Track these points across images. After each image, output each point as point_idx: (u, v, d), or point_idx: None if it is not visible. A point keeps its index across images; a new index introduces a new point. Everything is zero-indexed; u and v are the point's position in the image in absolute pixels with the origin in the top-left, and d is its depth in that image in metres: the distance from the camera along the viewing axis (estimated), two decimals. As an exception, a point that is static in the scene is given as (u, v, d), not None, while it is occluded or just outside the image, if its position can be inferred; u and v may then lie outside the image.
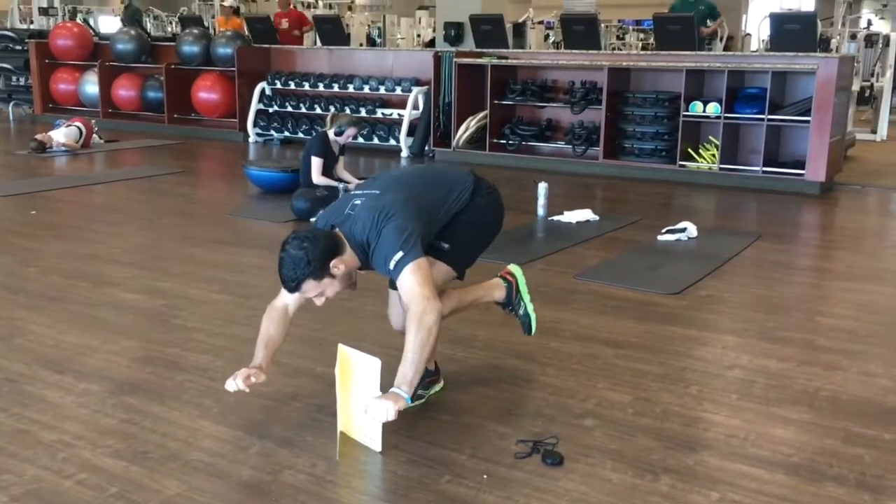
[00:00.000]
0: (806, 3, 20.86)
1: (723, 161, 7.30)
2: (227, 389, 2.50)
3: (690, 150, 7.42)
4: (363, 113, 9.15)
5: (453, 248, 2.71)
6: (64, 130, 8.90)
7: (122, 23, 11.54)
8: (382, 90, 9.24)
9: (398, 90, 9.13)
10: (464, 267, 2.83)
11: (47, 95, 11.58)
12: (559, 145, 8.30)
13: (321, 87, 9.56)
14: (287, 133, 9.71)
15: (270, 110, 9.83)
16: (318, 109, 9.45)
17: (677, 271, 4.53)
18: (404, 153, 8.93)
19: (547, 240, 5.41)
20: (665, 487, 2.30)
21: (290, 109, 9.69)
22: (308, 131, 9.35)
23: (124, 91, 10.78)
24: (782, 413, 2.78)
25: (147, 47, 10.94)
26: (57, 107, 11.49)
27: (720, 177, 7.34)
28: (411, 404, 2.48)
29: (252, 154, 9.19)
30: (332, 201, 5.55)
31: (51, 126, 9.30)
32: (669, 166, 7.50)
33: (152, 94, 10.60)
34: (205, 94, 10.08)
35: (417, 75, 9.11)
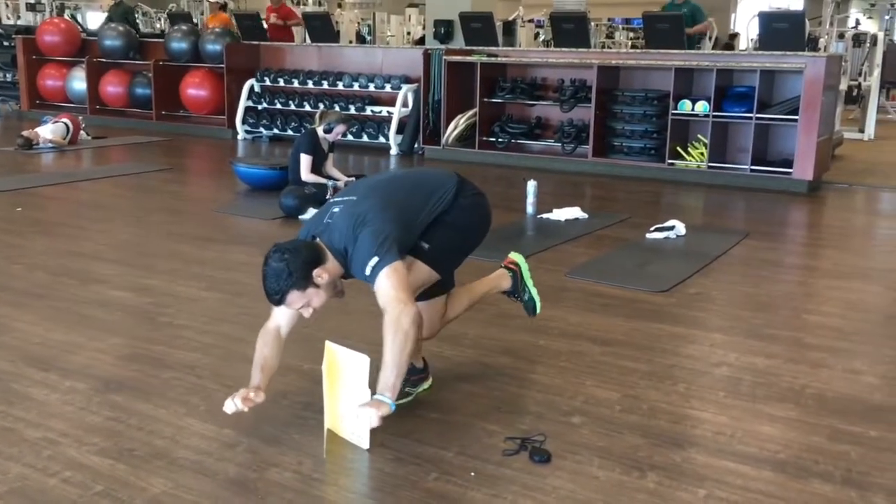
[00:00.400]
0: (794, 3, 20.95)
1: (711, 159, 7.32)
2: (226, 411, 2.48)
3: (679, 149, 7.44)
4: (352, 110, 9.13)
5: (433, 249, 2.66)
6: (51, 127, 8.84)
7: (108, 19, 11.43)
8: (372, 87, 9.22)
9: (388, 88, 9.11)
10: (446, 269, 2.76)
11: (34, 92, 11.52)
12: (548, 143, 8.31)
13: (310, 84, 9.53)
14: (276, 130, 9.68)
15: (259, 107, 9.80)
16: (308, 107, 9.41)
17: (665, 269, 4.55)
18: (393, 151, 8.92)
19: (536, 238, 5.41)
20: (652, 484, 2.30)
21: (279, 106, 9.66)
22: (297, 128, 9.33)
23: (112, 87, 10.73)
24: (769, 410, 2.79)
25: (135, 43, 10.89)
26: (44, 103, 11.43)
27: (708, 175, 7.37)
28: (400, 402, 2.48)
29: (241, 151, 9.17)
30: (320, 199, 5.62)
31: (38, 122, 9.23)
32: (658, 164, 7.52)
33: (140, 90, 10.55)
34: (193, 90, 10.04)
35: (407, 73, 9.10)
